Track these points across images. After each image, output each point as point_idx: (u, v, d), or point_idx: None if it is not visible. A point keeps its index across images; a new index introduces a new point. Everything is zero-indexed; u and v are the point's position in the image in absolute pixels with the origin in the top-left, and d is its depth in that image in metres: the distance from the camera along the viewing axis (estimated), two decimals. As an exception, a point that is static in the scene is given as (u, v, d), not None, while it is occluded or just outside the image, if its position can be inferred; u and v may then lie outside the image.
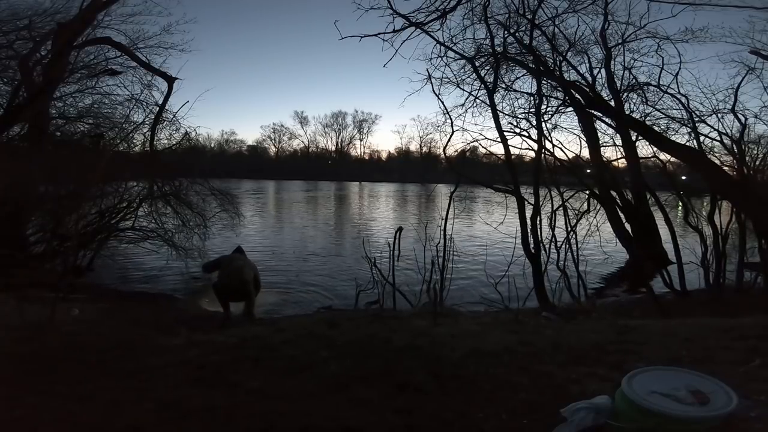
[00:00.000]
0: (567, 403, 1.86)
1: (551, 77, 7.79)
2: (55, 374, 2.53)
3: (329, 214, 24.10)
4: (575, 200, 8.14)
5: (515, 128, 8.15)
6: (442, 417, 2.09)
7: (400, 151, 73.84)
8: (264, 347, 3.18)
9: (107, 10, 8.93)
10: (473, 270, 8.46)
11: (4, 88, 9.08)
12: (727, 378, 2.32)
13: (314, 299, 7.34)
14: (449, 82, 7.92)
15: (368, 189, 49.15)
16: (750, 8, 6.48)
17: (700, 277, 7.56)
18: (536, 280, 6.80)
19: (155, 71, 9.50)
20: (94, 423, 1.99)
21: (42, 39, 8.61)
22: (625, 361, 2.69)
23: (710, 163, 7.03)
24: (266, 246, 12.25)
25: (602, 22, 8.27)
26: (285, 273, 8.96)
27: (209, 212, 9.66)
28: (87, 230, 8.20)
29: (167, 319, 5.26)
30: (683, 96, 8.04)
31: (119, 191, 8.88)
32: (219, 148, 62.40)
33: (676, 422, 1.59)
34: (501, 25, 7.63)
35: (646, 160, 9.35)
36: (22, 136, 8.79)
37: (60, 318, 3.80)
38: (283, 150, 75.75)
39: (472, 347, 3.04)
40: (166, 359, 2.88)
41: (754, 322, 3.56)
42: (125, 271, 8.92)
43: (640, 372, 1.83)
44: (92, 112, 9.81)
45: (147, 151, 9.61)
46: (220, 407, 2.16)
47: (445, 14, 6.67)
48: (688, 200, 8.38)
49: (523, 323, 3.99)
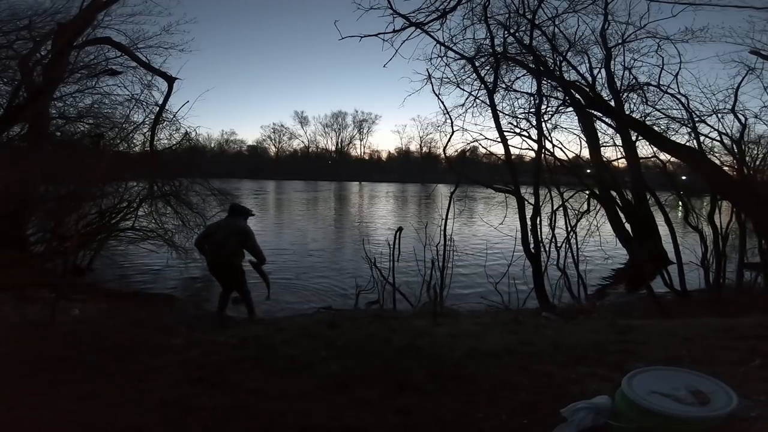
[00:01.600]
0: (567, 403, 1.86)
1: (551, 77, 7.79)
2: (55, 374, 2.53)
3: (329, 214, 24.10)
4: (575, 200, 8.14)
5: (515, 128, 8.17)
6: (442, 417, 2.09)
7: (400, 151, 74.01)
8: (264, 347, 3.18)
9: (107, 10, 8.92)
10: (473, 270, 8.46)
11: (4, 88, 9.08)
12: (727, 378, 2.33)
13: (314, 299, 7.34)
14: (449, 82, 7.94)
15: (368, 189, 49.14)
16: (750, 8, 6.49)
17: (700, 277, 7.56)
18: (536, 280, 6.80)
19: (155, 71, 9.49)
20: (94, 423, 1.99)
21: (42, 39, 8.60)
22: (625, 361, 2.69)
23: (710, 163, 7.03)
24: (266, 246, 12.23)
25: (602, 22, 8.28)
26: (285, 273, 8.96)
27: (209, 212, 9.66)
28: (87, 230, 8.19)
29: (167, 319, 5.25)
30: (683, 96, 8.05)
31: (119, 191, 8.88)
32: (219, 148, 62.54)
33: (676, 422, 1.59)
34: (501, 25, 7.64)
35: (646, 160, 9.37)
36: (22, 136, 8.78)
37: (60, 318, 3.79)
38: (283, 150, 75.91)
39: (472, 347, 3.04)
40: (166, 359, 2.88)
41: (754, 322, 3.56)
42: (125, 271, 8.92)
43: (640, 372, 1.83)
44: (92, 112, 9.80)
45: (147, 151, 9.60)
46: (220, 407, 2.16)
47: (445, 14, 6.68)
48: (688, 200, 8.38)
49: (523, 323, 3.99)
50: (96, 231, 8.53)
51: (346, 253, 11.62)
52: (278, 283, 8.06)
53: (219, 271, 5.46)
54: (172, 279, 8.47)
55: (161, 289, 7.86)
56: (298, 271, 9.17)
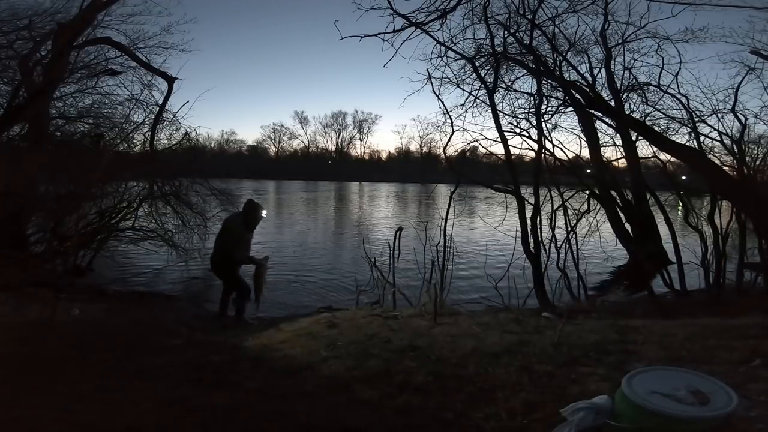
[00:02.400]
0: (567, 403, 1.86)
1: (551, 77, 7.79)
2: (55, 374, 2.53)
3: (329, 214, 24.09)
4: (575, 200, 8.14)
5: (515, 128, 8.15)
6: (442, 417, 2.09)
7: (400, 151, 74.05)
8: (264, 347, 3.18)
9: (107, 10, 8.94)
10: (473, 270, 8.46)
11: (4, 88, 9.08)
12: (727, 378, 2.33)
13: (314, 299, 7.33)
14: (449, 82, 7.92)
15: (368, 189, 49.13)
16: (750, 8, 6.49)
17: (700, 277, 7.56)
18: (536, 280, 6.80)
19: (155, 71, 9.50)
20: (94, 423, 1.99)
21: (42, 39, 8.61)
22: (625, 361, 2.69)
23: (710, 163, 7.03)
24: (266, 246, 12.24)
25: (602, 22, 8.28)
26: (285, 273, 8.96)
27: (209, 212, 9.66)
28: (87, 230, 8.19)
29: (167, 319, 5.26)
30: (683, 96, 8.04)
31: (119, 191, 8.87)
32: (219, 148, 62.56)
33: (677, 422, 1.59)
34: (501, 25, 7.64)
35: (646, 160, 9.35)
36: (22, 136, 8.79)
37: (60, 318, 3.79)
38: (283, 150, 75.97)
39: (472, 347, 3.03)
40: (166, 359, 2.88)
41: (754, 322, 3.56)
42: (125, 271, 8.91)
43: (640, 372, 1.83)
44: (92, 112, 9.81)
45: (147, 151, 9.61)
46: (220, 407, 2.16)
47: (445, 14, 6.68)
48: (688, 200, 8.37)
49: (523, 323, 3.99)
50: (96, 231, 8.52)
51: (346, 253, 11.62)
52: (278, 283, 8.06)
53: (214, 270, 5.59)
54: (172, 279, 8.47)
55: (161, 289, 7.85)
56: (298, 271, 9.16)
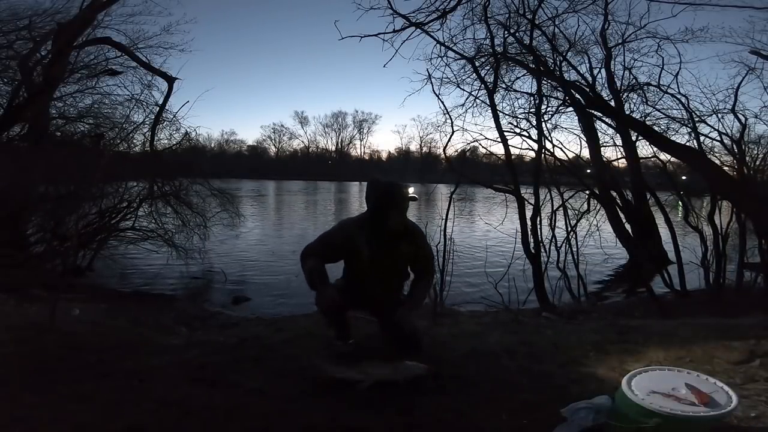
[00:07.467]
0: (567, 403, 1.86)
1: (551, 77, 7.79)
2: (55, 374, 2.52)
3: (329, 213, 24.09)
4: (575, 200, 8.14)
5: (515, 128, 8.15)
6: (442, 417, 2.08)
7: (400, 151, 74.08)
8: (264, 347, 3.18)
9: (107, 10, 8.94)
10: (473, 270, 8.46)
11: (4, 88, 9.10)
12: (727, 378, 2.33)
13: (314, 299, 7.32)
14: (449, 82, 7.91)
15: (368, 189, 48.99)
16: (750, 8, 6.47)
17: (700, 277, 7.56)
18: (536, 280, 6.80)
19: (155, 71, 9.50)
20: (94, 423, 1.99)
21: (42, 39, 8.61)
22: (625, 361, 2.69)
23: (710, 163, 7.03)
24: (266, 246, 12.26)
25: (602, 22, 8.26)
26: (285, 273, 8.96)
27: (209, 212, 9.66)
28: (87, 230, 8.20)
29: (167, 319, 5.26)
30: (683, 96, 8.05)
31: (119, 191, 8.88)
32: (219, 148, 62.52)
33: (676, 422, 1.59)
34: (501, 25, 7.64)
35: (646, 160, 9.35)
36: (22, 136, 8.79)
37: (60, 318, 3.78)
38: (283, 150, 76.04)
39: (472, 347, 3.03)
40: (166, 359, 2.87)
41: (754, 322, 3.56)
42: (125, 271, 8.92)
43: (640, 372, 1.84)
44: (92, 112, 9.84)
45: (147, 151, 9.62)
46: (220, 407, 2.16)
47: (445, 14, 6.68)
48: (688, 200, 8.37)
49: (523, 323, 3.99)
50: (96, 231, 8.52)
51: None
52: (278, 283, 8.07)
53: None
54: (172, 279, 8.47)
55: (161, 289, 7.86)
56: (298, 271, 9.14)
